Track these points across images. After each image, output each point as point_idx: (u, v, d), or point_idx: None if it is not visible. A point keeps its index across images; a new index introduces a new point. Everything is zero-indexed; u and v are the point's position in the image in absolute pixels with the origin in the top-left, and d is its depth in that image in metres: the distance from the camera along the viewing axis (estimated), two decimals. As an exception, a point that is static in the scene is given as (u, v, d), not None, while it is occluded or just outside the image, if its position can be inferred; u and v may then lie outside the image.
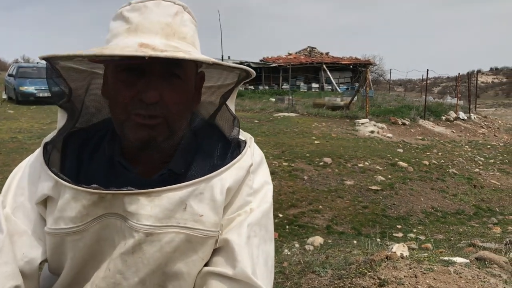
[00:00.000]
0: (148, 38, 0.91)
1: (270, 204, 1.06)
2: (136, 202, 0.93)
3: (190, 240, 0.95)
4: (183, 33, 0.96)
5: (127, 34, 0.93)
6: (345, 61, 32.83)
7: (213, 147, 1.05)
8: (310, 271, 2.78)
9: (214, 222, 0.97)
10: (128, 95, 0.93)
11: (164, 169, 1.00)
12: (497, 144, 14.31)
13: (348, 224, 6.35)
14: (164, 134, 0.96)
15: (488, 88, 68.94)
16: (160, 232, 0.94)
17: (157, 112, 0.93)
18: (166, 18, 0.95)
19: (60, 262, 1.02)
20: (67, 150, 1.05)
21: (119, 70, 0.95)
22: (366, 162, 8.90)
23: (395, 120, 14.52)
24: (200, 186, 0.96)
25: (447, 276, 2.43)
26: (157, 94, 0.92)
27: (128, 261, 0.95)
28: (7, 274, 0.96)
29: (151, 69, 0.92)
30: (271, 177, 1.12)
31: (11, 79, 18.37)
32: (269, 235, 1.05)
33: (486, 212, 7.45)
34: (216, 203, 0.97)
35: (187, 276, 0.99)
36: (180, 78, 0.95)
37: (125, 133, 0.97)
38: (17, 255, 0.99)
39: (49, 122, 12.44)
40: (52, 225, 0.98)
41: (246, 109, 16.99)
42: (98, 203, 0.95)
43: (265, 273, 0.99)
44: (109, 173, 1.01)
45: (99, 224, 0.96)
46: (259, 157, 1.09)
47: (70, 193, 0.95)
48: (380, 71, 40.73)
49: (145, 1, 0.96)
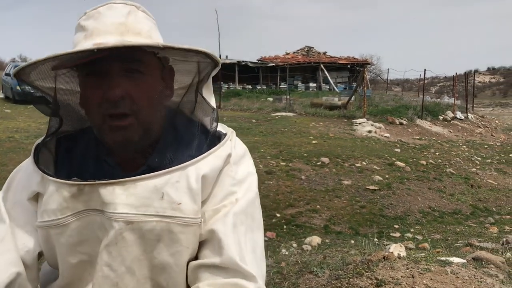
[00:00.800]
0: (103, 38, 0.94)
1: (256, 194, 1.08)
2: (111, 193, 0.96)
3: (171, 230, 0.97)
4: (138, 29, 0.98)
5: (84, 40, 0.96)
6: (342, 60, 32.85)
7: (192, 139, 1.06)
8: (308, 271, 2.78)
9: (193, 210, 0.98)
10: (95, 97, 0.97)
11: (144, 166, 1.02)
12: (494, 144, 14.36)
13: (345, 223, 6.36)
14: (138, 132, 0.99)
15: (485, 87, 69.09)
16: (140, 220, 0.96)
17: (126, 109, 0.96)
18: (119, 18, 0.98)
19: (54, 256, 1.06)
20: (58, 149, 1.09)
21: (83, 75, 0.99)
22: (363, 162, 8.92)
23: (393, 119, 14.54)
24: (175, 174, 0.98)
25: (444, 276, 2.43)
26: (120, 91, 0.95)
27: (113, 252, 0.97)
28: (10, 261, 1.01)
29: (110, 68, 0.95)
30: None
31: (8, 78, 18.31)
32: (256, 223, 1.06)
33: (483, 212, 7.48)
34: (193, 191, 0.98)
35: (175, 267, 1.00)
36: (141, 73, 0.98)
37: (103, 137, 1.01)
38: (18, 245, 1.04)
39: (46, 122, 12.36)
40: (39, 218, 1.02)
41: (243, 109, 17.01)
42: (78, 196, 0.98)
43: (254, 261, 0.99)
44: (93, 168, 1.04)
45: (80, 222, 0.99)
46: (242, 150, 1.10)
47: (52, 187, 1.00)
48: (378, 70, 40.86)
49: (98, 7, 1.00)
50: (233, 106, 17.88)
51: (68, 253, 1.01)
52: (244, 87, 28.07)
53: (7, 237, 1.04)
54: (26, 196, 1.06)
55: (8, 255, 1.02)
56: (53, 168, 1.06)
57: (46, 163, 1.07)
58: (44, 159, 1.07)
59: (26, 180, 1.08)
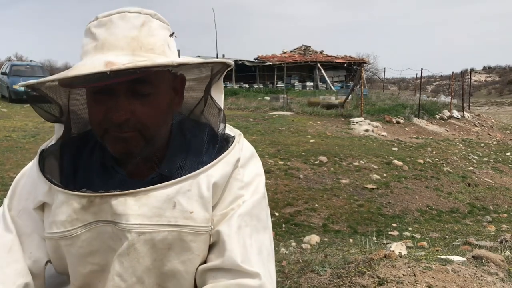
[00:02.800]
0: (114, 55, 0.90)
1: (263, 194, 1.06)
2: (123, 204, 0.94)
3: (182, 238, 0.96)
4: (151, 44, 0.95)
5: (94, 52, 0.93)
6: (339, 59, 32.87)
7: (201, 144, 1.05)
8: (309, 270, 2.79)
9: (205, 218, 0.98)
10: (100, 114, 0.95)
11: (154, 173, 1.01)
12: (491, 143, 14.41)
13: (344, 222, 6.38)
14: (140, 145, 0.97)
15: (481, 86, 69.30)
16: (152, 230, 0.95)
17: (130, 128, 0.94)
18: (131, 31, 0.94)
19: (63, 265, 1.05)
20: (64, 157, 1.07)
21: (91, 90, 0.96)
22: (361, 161, 8.94)
23: (390, 118, 14.58)
24: (186, 183, 0.97)
25: (446, 274, 2.45)
26: (124, 114, 0.93)
27: (124, 263, 0.96)
28: (18, 272, 1.00)
29: (118, 88, 0.92)
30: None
31: (4, 77, 18.23)
32: (262, 224, 1.04)
33: (480, 210, 7.52)
34: (204, 199, 0.97)
35: (185, 274, 1.00)
36: (149, 94, 0.95)
37: (106, 146, 0.99)
38: (25, 254, 1.03)
39: (43, 121, 12.27)
40: (47, 230, 1.01)
41: (241, 108, 16.99)
42: (88, 208, 0.96)
43: (260, 262, 0.99)
44: (102, 177, 1.02)
45: (90, 233, 0.97)
46: (249, 152, 1.09)
47: (61, 197, 0.98)
48: (374, 69, 40.86)
49: (111, 14, 0.95)
50: (230, 105, 17.86)
51: (79, 263, 1.00)
52: (241, 86, 28.05)
53: (14, 247, 1.03)
54: (32, 205, 1.04)
55: (16, 265, 1.01)
56: (59, 176, 1.03)
57: (52, 170, 1.04)
58: (50, 167, 1.05)
59: (31, 187, 1.06)
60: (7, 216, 1.07)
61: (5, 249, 1.02)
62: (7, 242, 1.03)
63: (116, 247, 0.97)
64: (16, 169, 7.08)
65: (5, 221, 1.06)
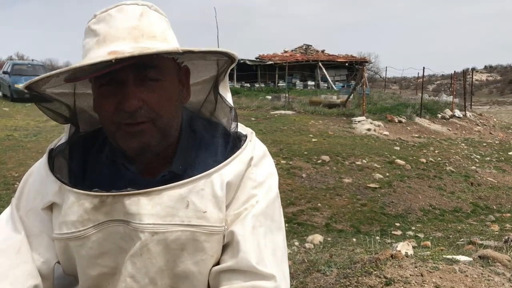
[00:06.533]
0: (117, 45, 0.90)
1: (276, 194, 1.06)
2: (136, 203, 0.93)
3: (196, 238, 0.95)
4: (152, 32, 0.94)
5: (97, 47, 0.92)
6: (340, 58, 32.82)
7: (213, 142, 1.03)
8: (315, 270, 2.78)
9: (218, 218, 0.96)
10: (111, 107, 0.93)
11: (165, 171, 1.00)
12: (493, 142, 14.38)
13: (347, 222, 6.36)
14: (156, 137, 0.95)
15: (482, 86, 69.27)
16: (165, 230, 0.93)
17: (143, 118, 0.93)
18: (131, 21, 0.93)
19: (72, 266, 1.03)
20: (73, 156, 1.05)
21: (98, 85, 0.94)
22: (363, 160, 8.92)
23: (392, 118, 14.55)
24: (200, 183, 0.95)
25: (453, 275, 2.43)
26: (137, 102, 0.91)
27: (137, 263, 0.95)
28: (27, 273, 0.98)
29: (126, 77, 0.91)
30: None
31: (6, 76, 18.24)
32: (276, 224, 1.03)
33: (483, 210, 7.50)
34: (218, 198, 0.96)
35: (198, 275, 0.98)
36: (158, 80, 0.94)
37: (118, 144, 0.97)
38: (34, 255, 1.02)
39: (45, 120, 12.33)
40: (56, 230, 0.99)
41: (242, 107, 16.96)
42: (99, 207, 0.95)
43: (274, 263, 0.97)
44: (112, 175, 1.01)
45: (101, 233, 0.96)
46: (261, 151, 1.07)
47: (72, 197, 0.96)
48: (376, 68, 40.86)
49: (108, 9, 0.95)
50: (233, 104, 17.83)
51: (89, 265, 0.99)
52: (242, 85, 28.04)
53: (23, 248, 1.01)
54: (40, 204, 1.03)
55: (25, 266, 0.99)
56: (68, 176, 1.02)
57: (61, 170, 1.03)
58: (59, 166, 1.04)
59: (40, 186, 1.04)
60: (15, 216, 1.05)
61: (14, 250, 1.00)
62: (16, 243, 1.02)
63: (128, 247, 0.96)
64: (18, 168, 7.01)
65: (13, 222, 1.05)
